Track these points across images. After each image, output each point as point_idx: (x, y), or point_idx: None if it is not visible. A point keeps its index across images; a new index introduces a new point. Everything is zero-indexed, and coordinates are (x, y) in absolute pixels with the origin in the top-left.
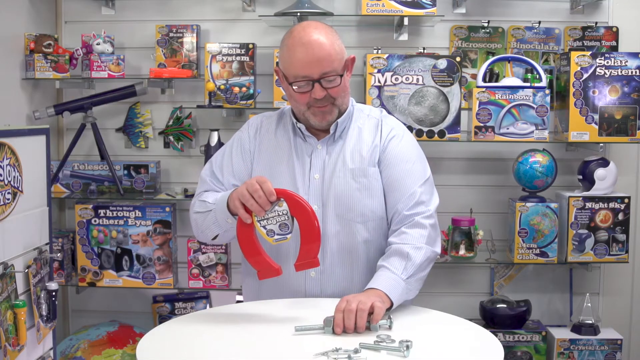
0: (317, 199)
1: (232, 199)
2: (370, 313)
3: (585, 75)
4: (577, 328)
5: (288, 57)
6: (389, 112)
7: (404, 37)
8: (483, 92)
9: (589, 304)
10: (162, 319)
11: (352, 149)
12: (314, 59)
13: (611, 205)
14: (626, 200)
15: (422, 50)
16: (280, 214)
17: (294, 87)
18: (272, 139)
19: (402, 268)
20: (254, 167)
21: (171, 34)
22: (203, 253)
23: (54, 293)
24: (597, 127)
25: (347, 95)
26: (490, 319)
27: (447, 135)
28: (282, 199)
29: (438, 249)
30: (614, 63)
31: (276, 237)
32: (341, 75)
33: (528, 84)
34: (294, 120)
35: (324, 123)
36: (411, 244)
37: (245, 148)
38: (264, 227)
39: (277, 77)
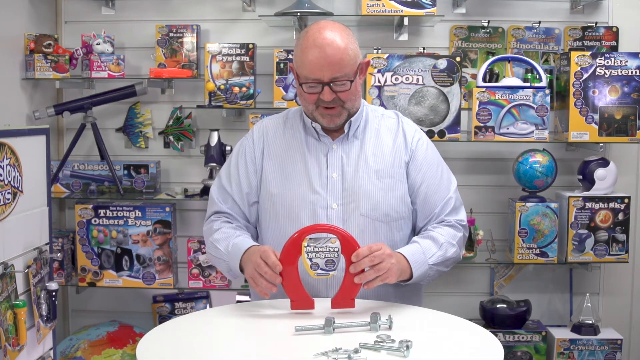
0: (337, 197)
1: (247, 274)
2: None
3: (585, 75)
4: (577, 328)
5: (301, 57)
6: None
7: (404, 37)
8: (483, 92)
9: (589, 304)
10: (162, 319)
11: (373, 149)
12: (325, 63)
13: (611, 205)
14: (626, 200)
15: (422, 50)
16: (331, 250)
17: (303, 88)
18: (281, 141)
19: (432, 254)
20: (265, 170)
21: (171, 34)
22: (203, 253)
23: (54, 293)
24: (597, 127)
25: (357, 99)
26: (490, 319)
27: (447, 135)
28: (335, 237)
29: (461, 256)
30: (614, 63)
31: (319, 271)
32: (352, 81)
33: (528, 84)
34: (309, 121)
35: (332, 125)
36: (447, 237)
37: (249, 156)
38: (310, 259)
39: (276, 78)
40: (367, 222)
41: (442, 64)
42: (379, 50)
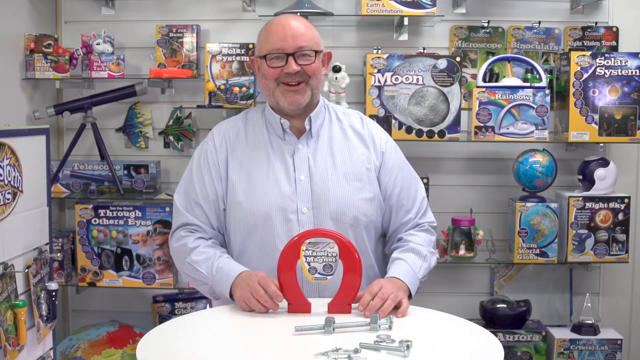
0: (306, 201)
1: (239, 297)
2: (397, 307)
3: (585, 75)
4: (577, 328)
5: (264, 35)
6: (389, 112)
7: (404, 37)
8: (483, 92)
9: (589, 304)
10: (162, 319)
11: (340, 151)
12: (290, 34)
13: (611, 205)
14: (626, 200)
15: (422, 50)
16: (329, 254)
17: (267, 61)
18: (243, 144)
19: (419, 267)
20: (231, 177)
21: (171, 34)
22: None
23: (54, 293)
24: (597, 127)
25: (320, 82)
26: (490, 319)
27: (447, 135)
28: (333, 242)
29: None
30: (614, 63)
31: (317, 275)
32: (316, 52)
33: (528, 84)
34: (273, 118)
35: (295, 105)
36: (426, 247)
37: (212, 162)
38: (309, 263)
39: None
40: (338, 227)
41: (442, 64)
42: (379, 50)
